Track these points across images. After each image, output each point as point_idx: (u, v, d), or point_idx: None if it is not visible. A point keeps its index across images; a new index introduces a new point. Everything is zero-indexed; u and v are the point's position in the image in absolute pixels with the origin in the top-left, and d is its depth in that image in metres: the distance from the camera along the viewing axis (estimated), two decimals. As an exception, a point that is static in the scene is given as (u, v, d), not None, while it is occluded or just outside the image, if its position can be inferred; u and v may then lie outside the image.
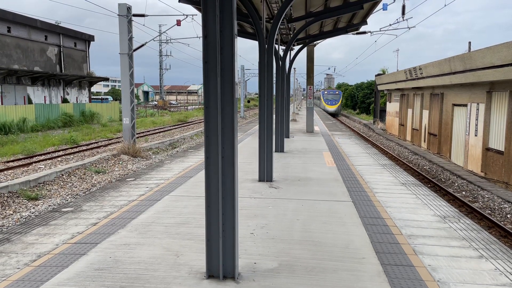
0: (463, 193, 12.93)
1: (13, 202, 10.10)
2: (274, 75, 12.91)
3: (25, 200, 10.28)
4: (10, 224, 8.50)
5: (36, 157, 16.80)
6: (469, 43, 22.75)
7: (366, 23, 15.43)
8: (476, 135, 17.02)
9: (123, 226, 6.08)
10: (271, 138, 9.45)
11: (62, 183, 12.17)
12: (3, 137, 22.78)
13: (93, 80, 43.03)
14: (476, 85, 17.03)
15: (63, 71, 38.68)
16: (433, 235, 5.71)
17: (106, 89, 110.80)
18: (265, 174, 9.23)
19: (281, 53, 16.52)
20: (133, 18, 17.07)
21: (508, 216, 10.49)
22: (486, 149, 16.01)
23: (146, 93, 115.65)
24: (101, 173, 13.68)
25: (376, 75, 42.66)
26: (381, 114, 40.94)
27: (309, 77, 21.94)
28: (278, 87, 13.98)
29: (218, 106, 4.14)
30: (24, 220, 8.77)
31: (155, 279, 4.33)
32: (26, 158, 16.51)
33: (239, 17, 11.42)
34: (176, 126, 34.04)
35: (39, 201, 10.31)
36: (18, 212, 9.45)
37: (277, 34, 12.62)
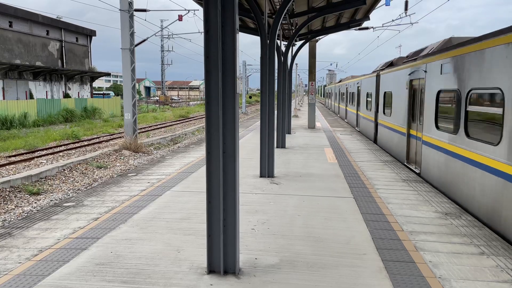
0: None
1: (15, 196, 10.12)
2: (276, 71, 12.87)
3: (26, 195, 10.30)
4: (12, 219, 8.51)
5: (38, 152, 16.83)
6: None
7: (369, 19, 15.33)
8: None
9: (124, 221, 6.09)
10: (273, 134, 9.44)
11: (63, 178, 12.19)
12: (5, 131, 22.84)
13: (94, 75, 43.04)
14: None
15: (64, 66, 38.68)
16: (435, 232, 5.70)
17: (107, 84, 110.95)
18: (267, 170, 9.22)
19: (283, 48, 16.48)
20: (135, 13, 17.02)
21: None
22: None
23: (147, 89, 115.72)
24: (102, 168, 13.70)
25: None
26: None
27: (311, 73, 21.88)
28: (280, 82, 13.95)
29: (219, 101, 4.12)
30: (25, 214, 8.79)
31: (156, 274, 4.34)
32: (28, 153, 16.53)
33: (241, 12, 11.37)
34: (178, 122, 34.01)
35: (41, 196, 10.33)
36: (20, 206, 9.47)
37: (279, 30, 12.57)
